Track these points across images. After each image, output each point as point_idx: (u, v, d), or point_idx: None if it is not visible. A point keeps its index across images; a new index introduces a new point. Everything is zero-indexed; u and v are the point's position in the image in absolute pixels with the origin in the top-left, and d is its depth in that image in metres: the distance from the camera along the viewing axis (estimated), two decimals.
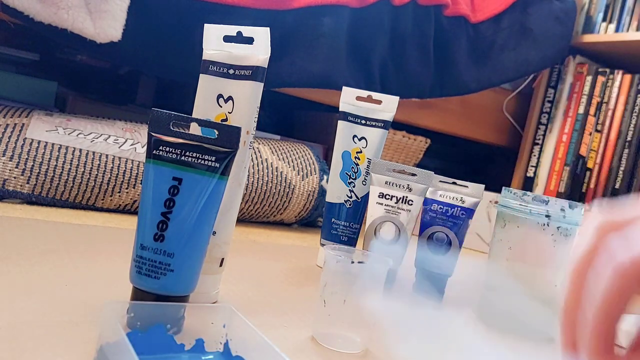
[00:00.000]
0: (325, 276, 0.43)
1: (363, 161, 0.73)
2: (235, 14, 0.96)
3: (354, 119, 0.74)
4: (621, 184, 1.53)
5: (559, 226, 0.59)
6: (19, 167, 0.76)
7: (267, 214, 0.98)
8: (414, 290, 0.70)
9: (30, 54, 1.28)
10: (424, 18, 1.17)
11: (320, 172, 1.02)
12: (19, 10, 0.80)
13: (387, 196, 0.65)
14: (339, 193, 0.73)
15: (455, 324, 0.59)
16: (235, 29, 0.47)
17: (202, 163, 0.39)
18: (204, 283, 0.46)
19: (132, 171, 0.83)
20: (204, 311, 0.37)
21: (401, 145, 1.35)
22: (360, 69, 1.12)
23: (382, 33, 1.12)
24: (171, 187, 0.39)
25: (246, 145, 0.46)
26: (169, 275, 0.38)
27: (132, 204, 0.84)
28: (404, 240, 0.65)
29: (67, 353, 0.33)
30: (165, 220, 0.38)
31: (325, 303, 0.43)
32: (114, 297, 0.45)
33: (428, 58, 1.19)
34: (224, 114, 0.46)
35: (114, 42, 0.86)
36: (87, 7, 0.83)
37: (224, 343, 0.36)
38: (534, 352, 0.54)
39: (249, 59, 0.46)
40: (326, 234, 0.74)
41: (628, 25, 1.68)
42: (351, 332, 0.43)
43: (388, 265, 0.44)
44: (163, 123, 0.39)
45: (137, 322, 0.34)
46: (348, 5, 1.06)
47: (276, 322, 0.47)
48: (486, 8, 1.27)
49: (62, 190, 0.79)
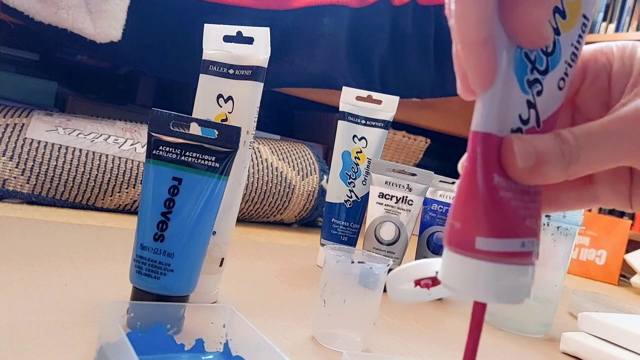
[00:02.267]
0: (325, 276, 0.43)
1: (363, 161, 0.73)
2: (235, 14, 0.96)
3: (354, 119, 0.74)
4: None
5: (558, 226, 0.59)
6: (19, 167, 0.76)
7: (267, 214, 0.98)
8: None
9: (30, 54, 1.28)
10: (424, 18, 1.17)
11: (320, 172, 1.02)
12: (19, 10, 0.80)
13: (387, 196, 0.65)
14: (339, 193, 0.73)
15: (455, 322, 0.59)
16: (235, 29, 0.47)
17: (202, 163, 0.39)
18: (204, 283, 0.46)
19: (132, 171, 0.83)
20: (204, 311, 0.37)
21: (401, 145, 1.35)
22: (360, 69, 1.12)
23: (382, 33, 1.12)
24: (171, 187, 0.39)
25: (246, 145, 0.46)
26: (169, 275, 0.38)
27: (132, 204, 0.84)
28: (403, 240, 0.65)
29: (67, 353, 0.33)
30: (165, 220, 0.38)
31: (325, 303, 0.43)
32: (114, 297, 0.45)
33: (428, 58, 1.20)
34: (224, 114, 0.46)
35: (114, 42, 0.86)
36: (87, 7, 0.83)
37: (224, 343, 0.36)
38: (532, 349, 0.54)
39: (249, 59, 0.46)
40: (326, 234, 0.74)
41: (628, 25, 1.68)
42: (351, 332, 0.43)
43: (388, 265, 0.44)
44: (163, 123, 0.39)
45: (137, 322, 0.34)
46: (348, 5, 1.06)
47: (276, 322, 0.47)
48: None
49: (62, 190, 0.79)
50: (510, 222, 0.21)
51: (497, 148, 0.21)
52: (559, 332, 0.58)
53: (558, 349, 0.56)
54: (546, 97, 0.22)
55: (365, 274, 0.43)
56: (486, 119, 0.21)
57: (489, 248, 0.21)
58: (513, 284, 0.22)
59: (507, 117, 0.21)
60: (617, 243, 1.26)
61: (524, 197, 0.22)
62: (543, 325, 0.60)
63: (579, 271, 1.28)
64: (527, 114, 0.22)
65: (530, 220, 0.22)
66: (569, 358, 0.54)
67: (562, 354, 0.55)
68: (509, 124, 0.22)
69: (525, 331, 0.60)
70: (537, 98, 0.22)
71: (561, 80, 0.23)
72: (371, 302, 0.43)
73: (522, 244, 0.22)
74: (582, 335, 0.54)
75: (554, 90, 0.23)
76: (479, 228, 0.21)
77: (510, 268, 0.21)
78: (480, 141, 0.21)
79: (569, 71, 0.23)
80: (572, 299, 0.77)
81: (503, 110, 0.21)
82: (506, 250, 0.21)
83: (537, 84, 0.22)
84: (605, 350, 0.51)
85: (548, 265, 0.60)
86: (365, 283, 0.43)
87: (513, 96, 0.21)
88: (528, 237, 0.22)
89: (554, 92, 0.23)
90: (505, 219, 0.21)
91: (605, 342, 0.52)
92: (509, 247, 0.21)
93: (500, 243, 0.21)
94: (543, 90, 0.22)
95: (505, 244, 0.21)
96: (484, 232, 0.21)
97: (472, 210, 0.21)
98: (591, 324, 0.54)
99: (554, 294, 0.61)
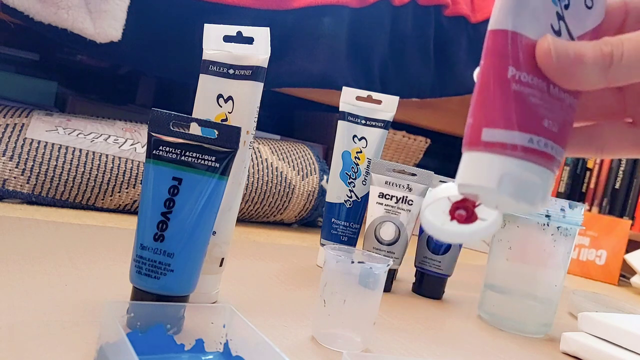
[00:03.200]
0: (325, 276, 0.43)
1: (363, 161, 0.73)
2: (235, 14, 0.96)
3: (354, 119, 0.74)
4: (621, 184, 1.53)
5: (559, 226, 0.59)
6: (19, 167, 0.76)
7: (267, 214, 0.98)
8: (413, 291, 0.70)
9: (30, 54, 1.28)
10: (424, 18, 1.17)
11: (320, 172, 1.02)
12: (19, 10, 0.80)
13: (387, 196, 0.65)
14: (339, 193, 0.73)
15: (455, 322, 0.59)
16: (235, 29, 0.47)
17: (202, 163, 0.39)
18: (204, 283, 0.46)
19: (132, 171, 0.83)
20: (204, 311, 0.37)
21: (401, 145, 1.35)
22: (360, 69, 1.12)
23: (382, 33, 1.12)
24: (171, 187, 0.39)
25: (246, 145, 0.46)
26: (169, 275, 0.38)
27: (132, 204, 0.84)
28: (403, 240, 0.65)
29: (67, 353, 0.33)
30: (165, 220, 0.38)
31: (325, 303, 0.43)
32: (114, 297, 0.45)
33: (428, 58, 1.19)
34: (224, 114, 0.46)
35: (114, 42, 0.86)
36: (87, 7, 0.83)
37: (224, 343, 0.36)
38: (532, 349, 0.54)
39: (249, 59, 0.46)
40: (326, 234, 0.74)
41: None
42: (351, 332, 0.43)
43: (388, 265, 0.44)
44: (163, 123, 0.39)
45: (137, 322, 0.34)
46: (348, 5, 1.06)
47: (276, 322, 0.47)
48: (486, 8, 1.27)
49: (62, 190, 0.79)
50: (518, 115, 0.21)
51: (526, 47, 0.21)
52: (559, 332, 0.58)
53: (558, 349, 0.56)
54: (574, 13, 0.22)
55: (365, 274, 0.43)
56: (517, 17, 0.20)
57: (494, 139, 0.21)
58: (521, 179, 0.21)
59: (541, 20, 0.21)
60: (617, 243, 1.26)
61: (550, 99, 0.21)
62: (543, 325, 0.60)
63: (579, 271, 1.28)
64: (558, 25, 0.21)
65: (551, 124, 0.21)
66: (569, 358, 0.54)
67: (562, 354, 0.55)
68: (542, 29, 0.21)
69: (525, 331, 0.60)
70: (565, 12, 0.22)
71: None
72: (371, 302, 0.43)
73: (531, 140, 0.21)
74: (582, 335, 0.54)
75: (581, 7, 0.22)
76: (485, 119, 0.21)
77: (517, 162, 0.21)
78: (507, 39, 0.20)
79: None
80: (572, 299, 0.77)
81: (538, 11, 0.21)
82: (511, 142, 0.21)
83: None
84: (605, 350, 0.51)
85: (548, 265, 0.60)
86: (365, 283, 0.43)
87: (544, 3, 0.21)
88: (540, 136, 0.21)
89: (582, 10, 0.22)
90: (512, 111, 0.21)
91: (605, 342, 0.52)
92: (514, 140, 0.21)
93: (504, 134, 0.21)
94: (570, 5, 0.22)
95: (510, 135, 0.21)
96: (490, 122, 0.21)
97: (480, 102, 0.21)
98: (591, 324, 0.54)
99: (554, 294, 0.61)
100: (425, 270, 0.68)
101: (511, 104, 0.21)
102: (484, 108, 0.21)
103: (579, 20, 0.22)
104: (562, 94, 0.22)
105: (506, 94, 0.21)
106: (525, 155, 0.21)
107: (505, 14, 0.21)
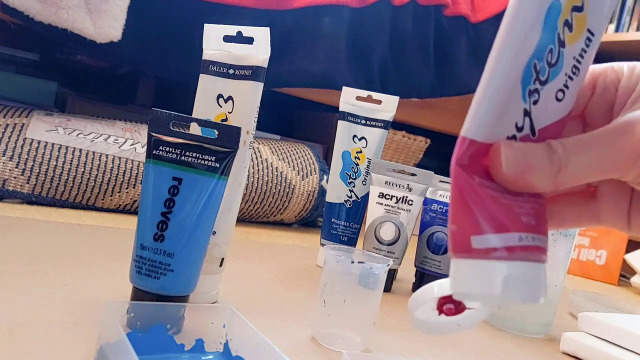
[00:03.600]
0: (325, 276, 0.43)
1: (363, 161, 0.73)
2: (235, 14, 0.96)
3: (354, 119, 0.74)
4: None
5: None
6: (19, 167, 0.76)
7: (267, 214, 0.98)
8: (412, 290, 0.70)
9: (30, 54, 1.28)
10: (424, 18, 1.17)
11: (320, 172, 1.02)
12: (19, 10, 0.80)
13: (387, 196, 0.65)
14: (339, 193, 0.73)
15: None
16: (235, 29, 0.47)
17: (202, 163, 0.39)
18: (204, 283, 0.46)
19: (132, 171, 0.83)
20: (204, 311, 0.37)
21: (401, 145, 1.35)
22: (360, 69, 1.12)
23: (382, 33, 1.12)
24: (171, 187, 0.39)
25: (246, 145, 0.46)
26: (169, 275, 0.38)
27: (132, 204, 0.84)
28: (403, 241, 0.65)
29: (67, 353, 0.33)
30: (165, 220, 0.38)
31: (325, 303, 0.43)
32: (114, 297, 0.45)
33: (428, 58, 1.19)
34: (224, 114, 0.46)
35: (114, 42, 0.86)
36: (87, 7, 0.83)
37: (224, 343, 0.36)
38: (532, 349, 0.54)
39: (249, 59, 0.46)
40: (326, 234, 0.74)
41: (628, 25, 1.68)
42: (351, 332, 0.43)
43: (388, 265, 0.44)
44: (163, 123, 0.39)
45: (137, 322, 0.34)
46: (348, 5, 1.06)
47: (276, 322, 0.47)
48: (486, 8, 1.27)
49: (62, 190, 0.79)
50: (501, 217, 0.21)
51: (483, 154, 0.21)
52: (559, 332, 0.58)
53: (558, 349, 0.56)
54: (542, 107, 0.22)
55: (365, 274, 0.43)
56: (481, 126, 0.21)
57: (485, 245, 0.21)
58: (522, 280, 0.21)
59: (504, 123, 0.21)
60: (617, 243, 1.26)
61: (517, 198, 0.22)
62: (543, 325, 0.60)
63: (579, 271, 1.28)
64: (522, 122, 0.22)
65: (528, 217, 0.22)
66: (569, 358, 0.54)
67: (562, 354, 0.55)
68: (505, 131, 0.21)
69: (525, 331, 0.60)
70: (533, 107, 0.22)
71: (560, 91, 0.23)
72: (371, 302, 0.43)
73: (520, 238, 0.21)
74: (582, 335, 0.54)
75: (551, 101, 0.22)
76: (472, 227, 0.21)
77: (513, 264, 0.21)
78: (465, 146, 0.21)
79: (569, 84, 0.23)
80: (572, 299, 0.77)
81: (502, 117, 0.21)
82: (503, 245, 0.21)
83: (535, 94, 0.22)
84: (605, 350, 0.51)
85: (548, 266, 0.60)
86: (365, 283, 0.43)
87: (513, 104, 0.21)
88: (526, 232, 0.21)
89: (551, 103, 0.22)
90: (494, 215, 0.21)
91: (605, 342, 0.52)
92: (505, 242, 0.21)
93: (495, 238, 0.21)
94: (539, 100, 0.22)
95: (500, 238, 0.21)
96: (477, 230, 0.21)
97: (461, 210, 0.21)
98: (591, 324, 0.54)
99: (554, 294, 0.61)
100: (425, 270, 0.68)
101: (490, 208, 0.21)
102: (466, 216, 0.21)
103: (545, 114, 0.22)
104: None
105: (482, 200, 0.21)
106: (519, 254, 0.21)
107: (469, 120, 0.21)
